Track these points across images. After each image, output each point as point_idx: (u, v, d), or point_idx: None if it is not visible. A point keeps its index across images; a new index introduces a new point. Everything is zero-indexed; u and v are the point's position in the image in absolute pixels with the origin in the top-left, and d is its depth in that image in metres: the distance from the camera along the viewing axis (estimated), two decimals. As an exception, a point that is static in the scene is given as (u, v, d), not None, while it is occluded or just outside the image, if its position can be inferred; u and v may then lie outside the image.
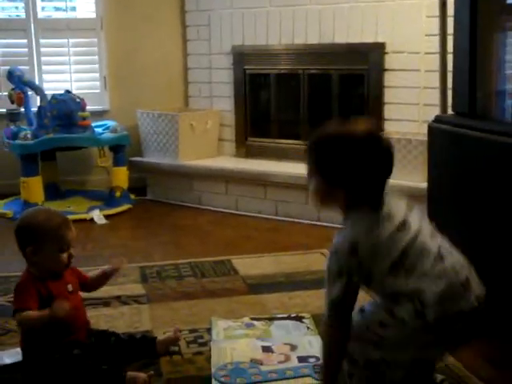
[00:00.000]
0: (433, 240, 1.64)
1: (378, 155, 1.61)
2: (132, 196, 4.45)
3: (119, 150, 4.31)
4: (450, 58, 3.65)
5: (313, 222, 3.94)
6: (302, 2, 4.16)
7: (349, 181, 1.61)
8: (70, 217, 3.72)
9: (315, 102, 4.27)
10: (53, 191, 4.40)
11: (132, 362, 2.13)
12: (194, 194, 4.41)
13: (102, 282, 2.30)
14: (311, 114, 4.29)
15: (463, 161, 2.43)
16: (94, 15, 4.65)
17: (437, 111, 3.80)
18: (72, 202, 4.38)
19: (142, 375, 1.98)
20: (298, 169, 4.07)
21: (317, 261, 3.18)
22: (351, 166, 1.60)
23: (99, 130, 4.39)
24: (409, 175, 3.57)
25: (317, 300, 2.67)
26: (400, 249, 1.59)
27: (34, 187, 4.07)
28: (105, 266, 2.30)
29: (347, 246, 1.60)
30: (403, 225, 1.61)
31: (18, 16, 4.63)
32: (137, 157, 4.59)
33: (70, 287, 2.14)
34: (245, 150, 4.55)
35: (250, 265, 3.13)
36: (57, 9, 4.73)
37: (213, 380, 2.01)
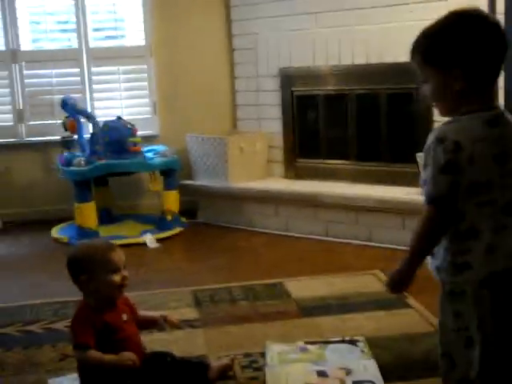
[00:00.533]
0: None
1: (489, 29, 1.54)
2: (183, 219, 4.50)
3: (170, 174, 4.37)
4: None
5: (364, 243, 3.92)
6: (348, 22, 4.17)
7: (466, 59, 1.53)
8: (123, 241, 3.86)
9: (363, 121, 4.27)
10: (106, 216, 4.49)
11: (185, 384, 2.15)
12: (244, 216, 4.44)
13: (150, 326, 2.33)
14: (359, 134, 4.28)
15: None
16: (143, 42, 4.75)
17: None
18: (124, 226, 4.46)
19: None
20: (348, 189, 4.10)
21: (369, 283, 3.17)
22: (464, 41, 1.52)
23: (150, 154, 4.46)
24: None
25: (370, 323, 2.67)
26: (486, 178, 1.55)
27: (87, 212, 4.15)
28: (161, 313, 2.32)
29: (454, 139, 1.51)
30: (503, 156, 1.56)
31: (70, 46, 4.75)
32: (187, 180, 4.65)
33: (124, 316, 2.17)
34: (294, 171, 4.56)
35: (302, 287, 3.13)
36: (108, 37, 4.84)
37: (268, 405, 2.02)
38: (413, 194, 3.85)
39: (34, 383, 2.27)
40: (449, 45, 1.54)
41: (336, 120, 4.41)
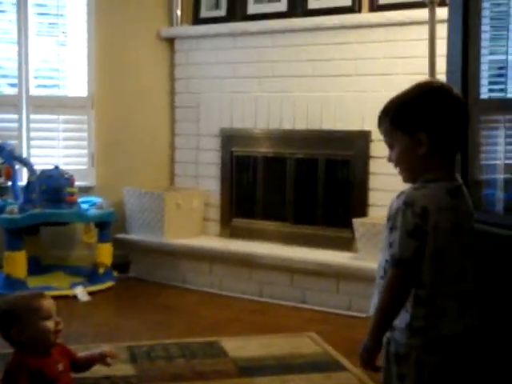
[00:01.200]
0: (463, 259, 1.67)
1: (453, 100, 1.65)
2: (115, 273, 4.43)
3: (104, 226, 4.32)
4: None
5: (297, 305, 3.96)
6: (291, 89, 4.31)
7: (431, 124, 1.61)
8: (53, 292, 3.76)
9: (301, 185, 4.37)
10: (35, 266, 4.36)
11: None
12: (178, 272, 4.41)
13: (91, 364, 2.28)
14: (296, 197, 4.37)
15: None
16: (85, 93, 4.74)
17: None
18: (54, 278, 4.35)
19: None
20: (283, 250, 4.16)
21: (305, 345, 3.20)
22: (432, 109, 1.62)
23: (85, 205, 4.41)
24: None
25: (308, 384, 2.68)
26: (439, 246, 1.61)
27: (18, 262, 4.05)
28: (96, 350, 2.28)
29: (422, 204, 1.58)
30: (458, 228, 1.63)
31: (9, 93, 4.69)
32: (121, 233, 4.60)
33: (60, 366, 2.12)
34: (229, 230, 4.59)
35: (238, 347, 3.13)
36: (49, 86, 4.81)
37: None
38: (347, 259, 3.94)
39: None
40: (416, 110, 1.63)
41: (274, 182, 4.50)
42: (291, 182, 4.38)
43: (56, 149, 4.70)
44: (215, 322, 3.64)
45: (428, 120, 1.62)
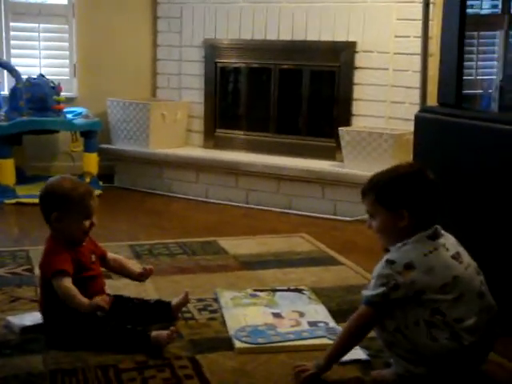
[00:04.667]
0: (478, 276, 1.88)
1: (430, 182, 1.89)
2: (100, 183, 4.48)
3: (91, 136, 4.35)
4: (416, 58, 3.92)
5: (283, 210, 4.09)
6: (276, -1, 4.33)
7: (412, 203, 1.84)
8: (40, 200, 3.80)
9: (285, 96, 4.44)
10: (19, 176, 4.38)
11: (149, 325, 2.21)
12: (164, 182, 4.49)
13: (123, 274, 2.37)
14: (281, 108, 4.45)
15: (451, 148, 2.64)
16: (65, 1, 4.66)
17: (403, 108, 4.06)
18: (39, 187, 4.33)
19: (165, 332, 2.07)
20: (268, 159, 4.26)
21: (299, 243, 3.34)
22: (413, 190, 1.86)
23: (69, 116, 4.41)
24: (381, 167, 3.77)
25: (309, 276, 2.83)
26: (452, 275, 1.81)
27: (6, 169, 4.07)
28: (135, 268, 2.38)
29: (405, 261, 1.80)
30: (457, 255, 1.86)
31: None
32: (105, 144, 4.62)
33: (93, 257, 2.21)
34: (213, 141, 4.67)
35: (236, 245, 3.26)
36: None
37: (235, 340, 2.13)
38: (332, 166, 4.07)
39: (-10, 321, 2.25)
40: (399, 191, 1.86)
41: (258, 93, 4.56)
42: (275, 93, 4.44)
43: (37, 58, 4.66)
44: (207, 224, 3.76)
45: (409, 199, 1.85)
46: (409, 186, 1.86)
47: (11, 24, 4.56)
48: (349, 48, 4.13)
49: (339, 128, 4.03)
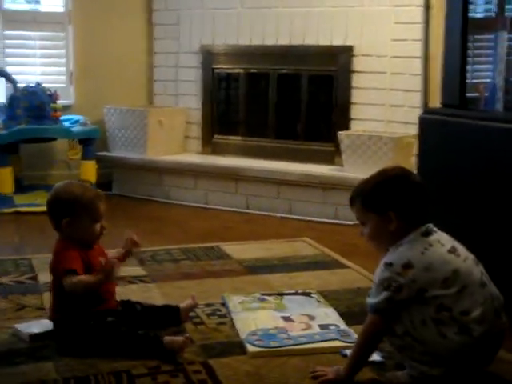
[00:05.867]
0: (477, 267, 1.87)
1: (413, 183, 1.92)
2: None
3: (88, 143, 4.33)
4: (414, 61, 3.93)
5: (284, 215, 4.08)
6: (273, 4, 4.32)
7: (398, 204, 1.86)
8: (39, 209, 3.77)
9: (283, 101, 4.44)
10: (16, 185, 4.34)
11: (158, 329, 2.19)
12: (162, 188, 4.47)
13: (123, 260, 2.34)
14: (279, 113, 4.45)
15: (456, 148, 2.64)
16: (61, 9, 4.65)
17: (402, 111, 4.06)
18: (39, 195, 4.32)
19: (180, 339, 2.05)
20: (267, 164, 4.25)
21: (303, 247, 3.33)
22: (398, 192, 1.88)
23: (66, 123, 4.39)
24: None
25: (315, 280, 2.82)
26: (452, 268, 1.81)
27: (4, 178, 4.04)
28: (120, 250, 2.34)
29: (403, 261, 1.81)
30: (454, 249, 1.86)
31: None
32: (102, 152, 4.60)
33: (102, 260, 2.19)
34: (211, 147, 4.65)
35: (240, 250, 3.24)
36: (23, 2, 4.70)
37: (247, 344, 2.11)
38: (332, 170, 4.07)
39: (-2, 330, 2.23)
40: (384, 193, 1.88)
41: (256, 99, 4.55)
42: (273, 98, 4.44)
43: (33, 66, 4.63)
44: (208, 230, 3.74)
45: (395, 201, 1.87)
46: (393, 187, 1.88)
47: (6, 32, 4.54)
48: (346, 52, 4.13)
49: (338, 132, 4.03)
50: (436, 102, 3.60)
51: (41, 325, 2.21)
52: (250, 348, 2.09)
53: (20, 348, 2.08)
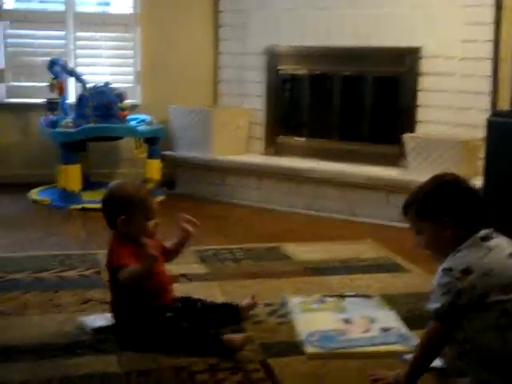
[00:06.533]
0: None
1: (466, 188, 1.88)
2: (162, 189, 4.52)
3: (154, 142, 4.40)
4: (487, 63, 3.84)
5: (347, 218, 4.05)
6: (339, 5, 4.30)
7: (453, 210, 1.83)
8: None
9: (348, 102, 4.41)
10: (84, 182, 4.45)
11: (217, 327, 2.20)
12: (225, 188, 4.51)
13: (180, 249, 2.37)
14: (343, 115, 4.42)
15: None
16: (130, 11, 4.75)
17: (470, 114, 3.98)
18: (103, 193, 4.43)
19: (240, 337, 2.07)
20: (331, 166, 4.22)
21: (365, 250, 3.31)
22: (451, 197, 1.84)
23: (133, 122, 4.47)
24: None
25: (376, 283, 2.79)
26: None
27: (73, 175, 4.15)
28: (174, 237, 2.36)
29: (462, 266, 1.77)
30: None
31: (55, 8, 4.71)
32: (167, 151, 4.67)
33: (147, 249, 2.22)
34: (274, 148, 4.66)
35: (301, 252, 3.23)
36: (95, 3, 4.82)
37: (306, 345, 2.11)
38: (396, 173, 4.02)
39: (63, 321, 2.29)
40: (438, 200, 1.84)
41: (320, 100, 4.54)
42: (338, 100, 4.42)
43: (101, 67, 4.75)
44: (270, 231, 3.75)
45: (449, 206, 1.83)
46: (445, 193, 1.85)
47: (78, 34, 4.66)
48: (414, 53, 4.08)
49: (404, 134, 3.98)
50: (505, 104, 3.53)
51: (104, 318, 2.26)
52: (309, 349, 2.08)
53: (84, 340, 2.13)
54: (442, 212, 1.82)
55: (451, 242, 1.82)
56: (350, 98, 4.41)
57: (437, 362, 1.97)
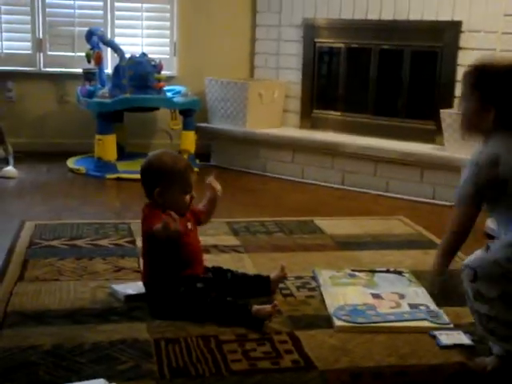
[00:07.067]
0: None
1: None
2: (197, 161, 4.55)
3: (189, 114, 4.42)
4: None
5: (380, 193, 4.04)
6: (379, -22, 4.24)
7: (503, 102, 1.80)
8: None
9: (385, 77, 4.36)
10: (119, 152, 4.50)
11: (247, 298, 2.22)
12: (259, 161, 4.51)
13: (211, 209, 2.37)
14: (379, 89, 4.38)
15: None
16: (168, -18, 4.75)
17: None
18: (138, 164, 4.41)
19: (267, 307, 2.08)
20: (365, 141, 4.19)
21: (397, 226, 3.29)
22: (505, 85, 1.80)
23: (169, 94, 4.49)
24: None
25: (407, 259, 2.78)
26: None
27: (108, 145, 4.20)
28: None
29: (489, 158, 1.77)
30: None
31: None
32: (202, 123, 4.68)
33: (189, 225, 2.25)
34: (310, 122, 4.64)
35: (333, 225, 3.24)
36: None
37: (334, 318, 2.12)
38: (432, 149, 3.98)
39: (96, 288, 2.33)
40: (500, 84, 1.81)
41: (356, 74, 4.50)
42: (374, 74, 4.37)
43: (139, 38, 4.76)
44: (303, 204, 3.76)
45: (503, 97, 1.80)
46: (509, 83, 1.81)
47: (116, 4, 4.68)
48: (453, 28, 4.00)
49: (440, 110, 3.92)
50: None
51: (136, 286, 2.29)
52: (337, 322, 2.09)
53: (116, 307, 2.17)
54: (494, 98, 1.80)
55: (482, 126, 1.82)
56: (387, 73, 4.36)
57: (465, 340, 1.97)
